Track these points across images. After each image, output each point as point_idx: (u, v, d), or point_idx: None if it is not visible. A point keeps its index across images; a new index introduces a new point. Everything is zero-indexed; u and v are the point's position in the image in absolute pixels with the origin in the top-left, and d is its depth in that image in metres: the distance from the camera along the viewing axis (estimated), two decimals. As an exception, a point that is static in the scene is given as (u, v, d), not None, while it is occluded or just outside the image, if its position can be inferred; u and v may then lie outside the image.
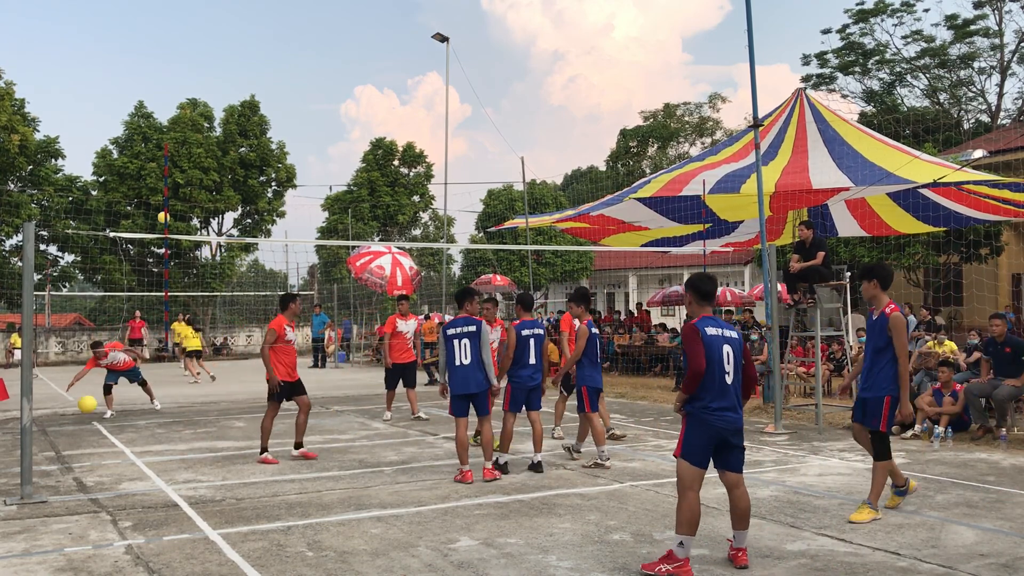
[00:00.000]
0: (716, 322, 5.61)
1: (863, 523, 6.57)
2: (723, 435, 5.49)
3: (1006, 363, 10.82)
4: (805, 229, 13.90)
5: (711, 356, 5.46)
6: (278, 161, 37.16)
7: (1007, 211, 16.39)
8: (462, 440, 8.44)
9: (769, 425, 11.86)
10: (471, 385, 8.46)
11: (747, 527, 5.62)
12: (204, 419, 13.63)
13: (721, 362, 5.48)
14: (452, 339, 8.53)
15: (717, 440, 5.49)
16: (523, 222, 22.52)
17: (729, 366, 5.51)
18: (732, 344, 5.58)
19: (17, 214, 31.16)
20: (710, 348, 5.47)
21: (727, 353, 5.52)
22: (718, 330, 5.56)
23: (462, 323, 8.58)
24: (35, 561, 5.83)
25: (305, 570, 5.57)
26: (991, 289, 24.72)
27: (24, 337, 8.00)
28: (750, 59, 12.66)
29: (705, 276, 5.78)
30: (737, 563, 5.54)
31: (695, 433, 5.49)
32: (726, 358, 5.51)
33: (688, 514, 5.40)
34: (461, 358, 8.49)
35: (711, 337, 5.50)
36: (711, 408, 5.45)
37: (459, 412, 8.52)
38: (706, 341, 5.47)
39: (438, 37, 21.20)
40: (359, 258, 23.31)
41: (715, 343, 5.51)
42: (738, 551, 5.58)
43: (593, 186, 46.97)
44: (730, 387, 5.51)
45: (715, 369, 5.47)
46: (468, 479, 8.27)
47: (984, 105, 40.38)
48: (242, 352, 35.74)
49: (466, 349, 8.49)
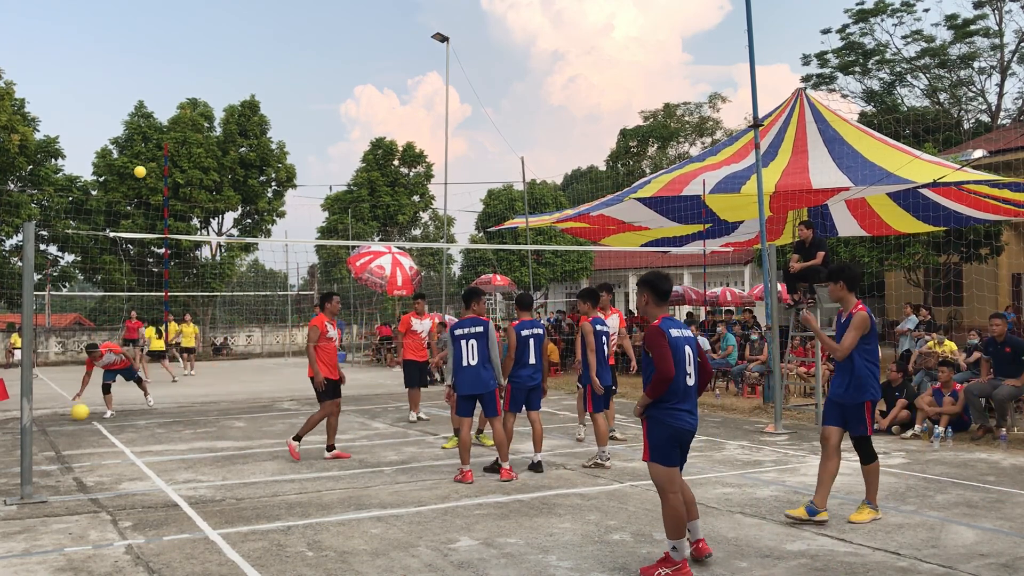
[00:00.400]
0: (676, 323, 5.57)
1: (863, 523, 6.56)
2: (683, 436, 5.46)
3: (1006, 363, 10.82)
4: (805, 229, 13.90)
5: (676, 359, 5.38)
6: (278, 161, 37.13)
7: (1007, 211, 16.40)
8: (465, 440, 8.44)
9: (769, 425, 11.86)
10: (478, 385, 8.46)
11: (697, 516, 5.68)
12: (204, 419, 13.64)
13: (683, 364, 5.43)
14: (460, 339, 8.52)
15: (679, 440, 5.45)
16: (523, 222, 22.52)
17: (691, 367, 5.48)
18: (692, 344, 5.54)
19: (17, 214, 31.13)
20: (675, 350, 5.39)
21: (688, 354, 5.48)
22: (679, 331, 5.51)
23: (469, 323, 8.58)
24: (35, 561, 5.83)
25: (305, 570, 5.57)
26: (991, 289, 24.72)
27: (24, 337, 8.00)
28: (750, 59, 12.67)
29: (663, 275, 5.69)
30: (700, 554, 5.57)
31: (658, 433, 5.43)
32: (688, 359, 5.46)
33: (674, 519, 5.36)
34: (468, 358, 8.48)
35: (675, 339, 5.43)
36: (672, 410, 5.39)
37: (465, 412, 8.53)
38: (671, 343, 5.38)
39: (438, 37, 21.20)
40: (359, 258, 23.31)
41: (679, 344, 5.44)
42: (697, 542, 5.61)
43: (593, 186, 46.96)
44: (691, 389, 5.48)
45: (680, 372, 5.41)
46: (468, 479, 8.27)
47: (984, 105, 40.40)
48: (242, 352, 35.74)
49: (473, 349, 8.48)
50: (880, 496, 7.50)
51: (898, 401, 11.27)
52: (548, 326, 22.26)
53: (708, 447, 10.39)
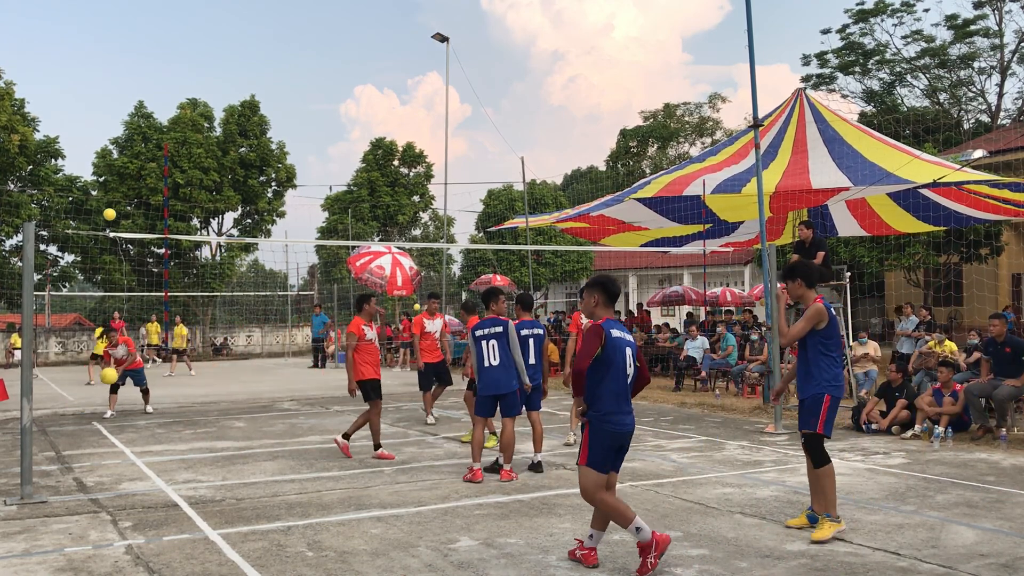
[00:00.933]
0: (619, 325, 5.64)
1: (825, 540, 6.01)
2: (621, 440, 5.52)
3: (1006, 363, 10.82)
4: (805, 229, 13.92)
5: (613, 359, 5.45)
6: (278, 161, 37.15)
7: (1007, 211, 16.41)
8: (478, 439, 8.47)
9: (769, 425, 11.86)
10: (500, 386, 8.45)
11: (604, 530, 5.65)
12: (204, 419, 13.63)
13: (623, 365, 5.50)
14: (480, 340, 8.51)
15: (617, 445, 5.52)
16: (523, 222, 22.52)
17: (630, 369, 5.54)
18: (632, 347, 5.62)
19: (17, 214, 31.15)
20: (614, 351, 5.46)
21: (628, 356, 5.54)
22: (621, 333, 5.57)
23: (490, 324, 8.56)
24: (35, 561, 5.83)
25: (305, 570, 5.57)
26: (991, 289, 24.73)
27: (24, 337, 8.00)
28: (750, 59, 12.67)
29: (612, 278, 5.79)
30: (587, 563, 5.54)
31: (599, 441, 5.45)
32: (628, 361, 5.53)
33: (616, 512, 5.44)
34: (490, 359, 8.46)
35: (615, 339, 5.49)
36: (613, 415, 5.43)
37: (483, 412, 8.55)
38: (611, 344, 5.46)
39: (438, 37, 21.21)
40: (359, 258, 23.29)
41: (619, 345, 5.49)
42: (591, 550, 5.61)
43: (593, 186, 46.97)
44: (627, 391, 5.55)
45: (618, 373, 5.46)
46: (478, 478, 8.27)
47: (984, 105, 40.41)
48: (242, 352, 35.75)
49: (494, 350, 8.46)
50: (880, 496, 7.51)
51: (898, 401, 11.27)
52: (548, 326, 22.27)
53: (708, 447, 10.39)
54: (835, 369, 6.39)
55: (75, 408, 15.47)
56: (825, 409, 6.30)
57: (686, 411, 14.15)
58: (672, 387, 17.54)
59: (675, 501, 7.42)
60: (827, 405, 6.30)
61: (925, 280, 26.36)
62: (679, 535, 6.30)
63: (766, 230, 13.80)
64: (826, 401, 6.30)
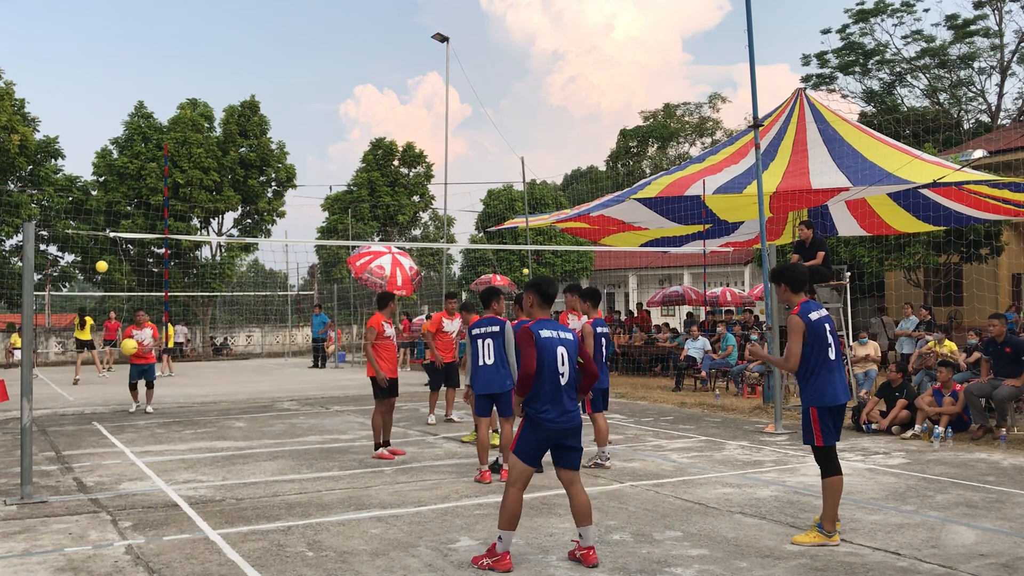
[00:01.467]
0: (552, 325, 5.74)
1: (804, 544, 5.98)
2: (556, 438, 5.59)
3: (1006, 363, 10.82)
4: (805, 229, 13.92)
5: (543, 359, 5.58)
6: (278, 161, 37.15)
7: (1007, 210, 16.41)
8: (483, 441, 8.49)
9: (769, 425, 11.87)
10: (494, 385, 8.49)
11: (591, 523, 5.64)
12: (204, 419, 13.64)
13: (554, 365, 5.59)
14: (477, 339, 8.57)
15: (551, 442, 5.62)
16: (523, 222, 22.52)
17: (564, 367, 5.62)
18: (567, 345, 5.69)
19: (17, 214, 31.14)
20: (543, 351, 5.59)
21: (561, 355, 5.63)
22: (552, 332, 5.67)
23: (487, 323, 8.61)
24: (35, 561, 5.83)
25: (305, 570, 5.57)
26: (991, 289, 24.71)
27: (24, 337, 8.00)
28: (750, 59, 12.66)
29: (549, 280, 5.94)
30: (587, 563, 5.54)
31: (530, 434, 5.60)
32: (560, 360, 5.61)
33: (509, 511, 5.54)
34: (484, 358, 8.51)
35: (545, 339, 5.63)
36: (547, 412, 5.55)
37: (482, 412, 8.56)
38: (540, 344, 5.60)
39: (438, 37, 21.21)
40: (359, 258, 23.29)
41: (549, 345, 5.61)
42: (587, 550, 5.58)
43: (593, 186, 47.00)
44: (563, 389, 5.61)
45: (547, 373, 5.57)
46: (487, 479, 8.27)
47: (984, 105, 40.40)
48: (242, 352, 35.75)
49: (489, 349, 8.51)
50: (880, 496, 7.52)
51: (898, 401, 11.27)
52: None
53: (708, 447, 10.39)
54: (818, 379, 6.16)
55: (75, 408, 15.46)
56: (814, 421, 6.14)
57: (686, 411, 14.16)
58: (672, 387, 17.54)
59: (675, 501, 7.43)
60: (815, 417, 6.14)
61: (925, 280, 26.36)
62: (679, 535, 6.30)
63: (766, 230, 13.81)
64: (812, 414, 6.15)
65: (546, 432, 5.57)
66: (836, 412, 6.18)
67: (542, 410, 5.55)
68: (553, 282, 6.00)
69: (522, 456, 5.61)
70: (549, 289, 5.88)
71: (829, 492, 6.11)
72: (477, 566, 5.55)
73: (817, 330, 6.18)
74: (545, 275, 6.09)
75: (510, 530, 5.56)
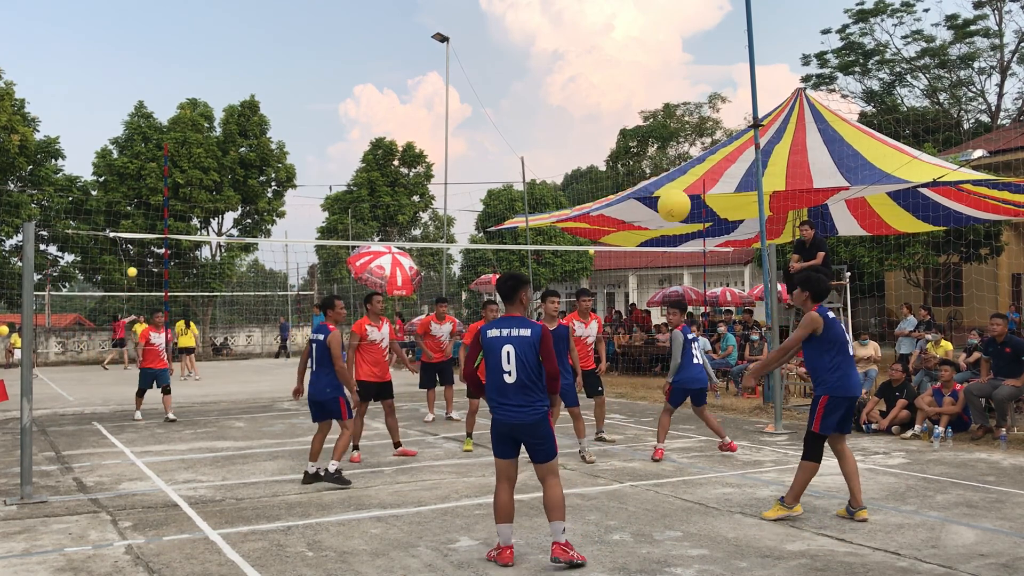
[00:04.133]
0: (507, 323, 5.69)
1: (773, 519, 6.66)
2: (510, 431, 5.64)
3: (1006, 363, 10.81)
4: (807, 229, 13.92)
5: (487, 358, 5.68)
6: (278, 161, 37.14)
7: (1007, 210, 16.41)
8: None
9: (769, 425, 11.87)
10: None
11: (561, 518, 5.59)
12: (204, 419, 13.63)
13: (498, 362, 5.62)
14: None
15: (508, 435, 5.65)
16: (523, 222, 22.51)
17: (509, 366, 5.58)
18: (515, 343, 5.59)
19: (17, 214, 31.13)
20: (488, 350, 5.67)
21: (506, 353, 5.59)
22: (499, 331, 5.66)
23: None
24: (35, 561, 5.83)
25: (305, 570, 5.57)
26: (991, 289, 24.73)
27: (24, 337, 8.00)
28: (750, 59, 12.66)
29: (506, 276, 5.89)
30: (552, 555, 5.54)
31: (492, 428, 5.75)
32: (504, 358, 5.59)
33: (494, 504, 5.68)
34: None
35: (490, 339, 5.67)
36: (495, 408, 5.67)
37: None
38: (485, 343, 5.70)
39: (438, 37, 21.22)
40: (359, 258, 23.28)
41: (493, 345, 5.66)
42: (553, 545, 5.57)
43: (593, 186, 46.96)
44: (509, 387, 5.59)
45: (492, 371, 5.66)
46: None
47: (984, 105, 40.42)
48: (242, 352, 35.74)
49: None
50: (880, 496, 7.52)
51: (898, 401, 11.27)
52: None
53: (708, 447, 10.39)
54: (837, 372, 6.65)
55: (75, 408, 15.46)
56: (821, 408, 6.64)
57: (686, 411, 14.13)
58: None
59: (675, 501, 7.43)
60: (823, 405, 6.64)
61: (925, 280, 26.37)
62: (679, 535, 6.30)
63: (766, 229, 13.80)
64: (822, 401, 6.65)
65: (497, 423, 5.67)
66: (850, 404, 6.70)
67: (497, 407, 5.66)
68: (508, 278, 5.86)
69: (493, 450, 5.75)
70: (501, 286, 5.84)
71: (802, 472, 6.72)
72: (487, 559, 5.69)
73: (836, 327, 6.73)
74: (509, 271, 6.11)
75: (501, 523, 5.62)
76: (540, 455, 5.68)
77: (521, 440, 5.68)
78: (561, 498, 5.63)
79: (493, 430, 5.72)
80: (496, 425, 5.68)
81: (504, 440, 5.67)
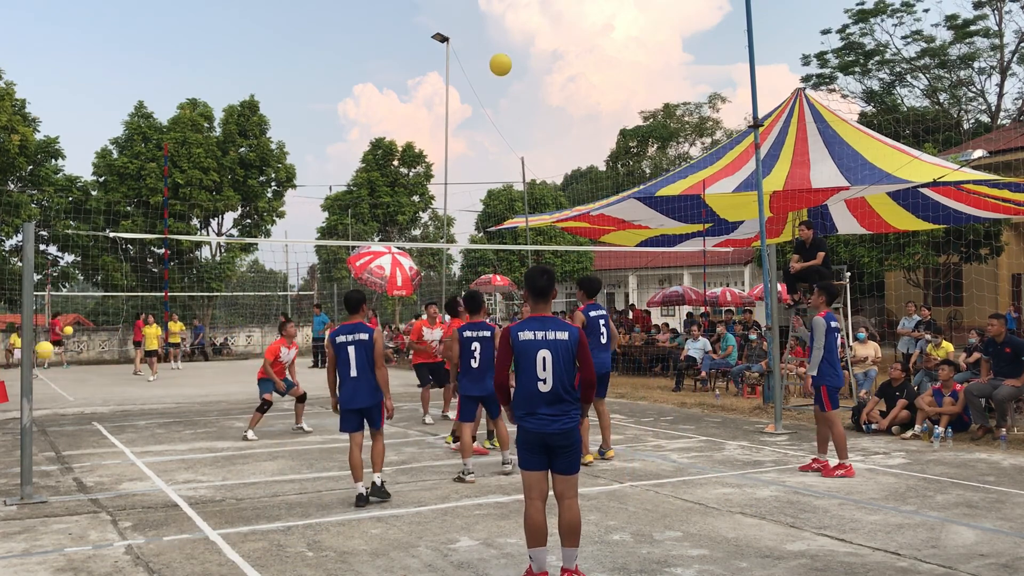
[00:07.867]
0: (541, 323, 5.12)
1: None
2: (542, 440, 5.05)
3: (1006, 363, 10.81)
4: (806, 229, 13.92)
5: (520, 363, 5.08)
6: (278, 161, 37.16)
7: (1007, 209, 16.41)
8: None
9: (769, 425, 11.86)
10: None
11: (576, 544, 5.10)
12: (204, 419, 13.63)
13: (532, 369, 5.04)
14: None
15: (539, 444, 5.07)
16: (523, 222, 22.52)
17: (545, 372, 5.01)
18: (552, 348, 5.04)
19: (17, 214, 31.14)
20: (521, 354, 5.07)
21: (543, 359, 5.02)
22: (534, 333, 5.08)
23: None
24: (35, 561, 5.83)
25: (305, 570, 5.57)
26: (991, 289, 24.73)
27: (24, 337, 8.00)
28: (750, 59, 12.66)
29: (539, 271, 5.26)
30: None
31: (520, 439, 5.14)
32: (540, 364, 5.02)
33: (525, 524, 5.09)
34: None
35: (523, 342, 5.07)
36: (525, 417, 5.08)
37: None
38: (517, 346, 5.08)
39: (438, 37, 21.21)
40: (359, 258, 23.29)
41: (527, 348, 5.05)
42: (564, 571, 5.07)
43: (593, 186, 46.98)
44: (542, 396, 5.03)
45: (526, 377, 5.06)
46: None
47: (984, 105, 40.41)
48: (242, 352, 35.73)
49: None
50: (880, 496, 7.53)
51: (898, 401, 11.27)
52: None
53: (708, 447, 10.39)
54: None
55: (75, 408, 15.46)
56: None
57: (686, 411, 14.15)
58: (672, 387, 17.53)
59: (675, 501, 7.42)
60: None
61: (925, 280, 26.37)
62: (679, 535, 6.30)
63: (766, 229, 13.80)
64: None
65: (528, 433, 5.09)
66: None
67: (527, 415, 5.07)
68: (542, 272, 5.25)
69: (521, 463, 5.17)
70: (538, 281, 5.21)
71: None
72: None
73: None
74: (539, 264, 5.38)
75: (534, 547, 5.04)
76: (565, 464, 5.09)
77: (553, 447, 5.06)
78: (579, 522, 5.10)
79: (521, 441, 5.11)
80: (526, 434, 5.08)
81: (535, 450, 5.07)
